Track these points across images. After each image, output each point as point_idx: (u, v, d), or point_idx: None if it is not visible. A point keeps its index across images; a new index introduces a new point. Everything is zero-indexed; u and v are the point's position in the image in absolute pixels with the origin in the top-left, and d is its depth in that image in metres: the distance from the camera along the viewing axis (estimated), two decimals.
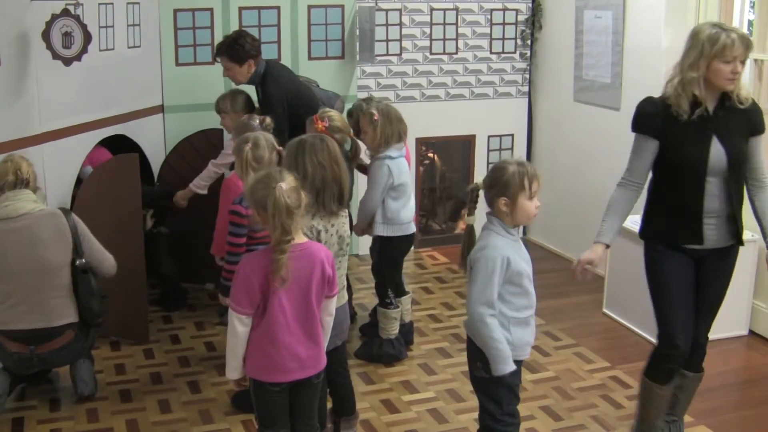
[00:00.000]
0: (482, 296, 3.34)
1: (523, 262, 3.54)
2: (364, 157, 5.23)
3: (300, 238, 3.28)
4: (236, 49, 5.41)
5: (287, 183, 3.19)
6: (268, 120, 4.82)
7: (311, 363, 3.41)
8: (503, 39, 7.23)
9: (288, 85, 5.52)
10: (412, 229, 5.11)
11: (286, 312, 3.26)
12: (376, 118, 4.91)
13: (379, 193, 4.94)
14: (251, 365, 3.35)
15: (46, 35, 4.89)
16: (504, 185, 3.40)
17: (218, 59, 5.52)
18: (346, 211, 3.80)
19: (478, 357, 3.43)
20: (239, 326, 3.28)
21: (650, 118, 3.91)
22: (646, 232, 4.14)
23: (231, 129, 5.32)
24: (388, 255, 5.10)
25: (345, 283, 3.88)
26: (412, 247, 5.66)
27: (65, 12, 5.02)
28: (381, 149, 4.95)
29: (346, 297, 3.90)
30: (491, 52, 7.22)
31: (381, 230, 5.00)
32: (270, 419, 3.43)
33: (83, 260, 4.39)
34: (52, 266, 4.26)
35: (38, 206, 4.31)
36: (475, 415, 4.45)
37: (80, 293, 4.36)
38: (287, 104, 5.40)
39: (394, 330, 5.06)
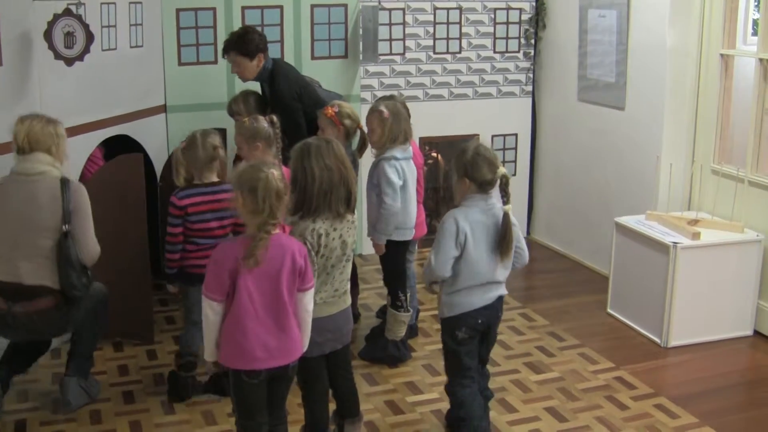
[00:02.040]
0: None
1: None
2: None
3: (273, 230, 3.36)
4: (246, 43, 5.40)
5: (277, 172, 3.33)
6: (275, 119, 4.80)
7: (281, 353, 3.46)
8: (507, 38, 7.21)
9: (298, 80, 5.53)
10: (410, 235, 5.06)
11: (254, 301, 3.34)
12: (386, 116, 4.86)
13: (398, 193, 4.86)
14: (224, 352, 3.44)
15: (48, 35, 4.87)
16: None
17: (225, 57, 5.50)
18: (354, 216, 3.78)
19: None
20: (210, 313, 3.38)
21: None
22: None
23: None
24: (392, 259, 5.06)
25: (347, 287, 3.85)
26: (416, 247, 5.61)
27: (67, 12, 4.99)
28: (386, 149, 4.90)
29: (348, 302, 3.88)
30: (495, 52, 7.20)
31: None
32: (245, 409, 3.52)
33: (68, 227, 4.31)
34: (40, 227, 4.22)
35: (53, 170, 4.28)
36: None
37: (60, 260, 4.31)
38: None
39: (400, 333, 5.04)
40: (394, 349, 5.05)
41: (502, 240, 3.92)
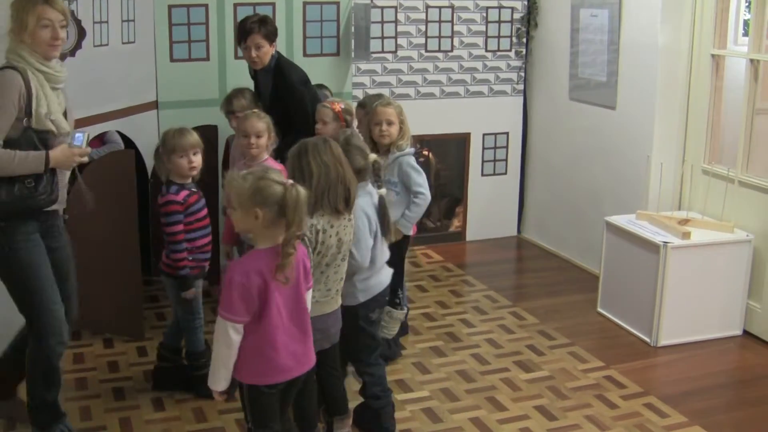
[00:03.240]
0: None
1: None
2: None
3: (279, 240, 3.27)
4: (269, 26, 5.34)
5: (290, 181, 3.26)
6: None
7: (306, 359, 3.43)
8: (499, 37, 7.22)
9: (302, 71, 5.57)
10: (411, 230, 5.05)
11: (282, 312, 3.26)
12: (401, 111, 4.94)
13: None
14: (249, 372, 3.30)
15: None
16: None
17: (245, 42, 5.31)
18: (351, 215, 3.78)
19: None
20: (234, 336, 3.22)
21: None
22: None
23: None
24: (394, 255, 5.03)
25: (340, 287, 3.85)
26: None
27: None
28: (405, 144, 4.92)
29: (339, 302, 3.88)
30: (486, 50, 7.20)
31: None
32: (265, 419, 3.42)
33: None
34: None
35: None
36: (470, 414, 4.47)
37: None
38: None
39: (394, 331, 5.03)
40: (386, 348, 5.05)
41: (384, 221, 4.11)
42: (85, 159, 3.81)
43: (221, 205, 5.48)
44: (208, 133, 5.99)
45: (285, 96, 5.35)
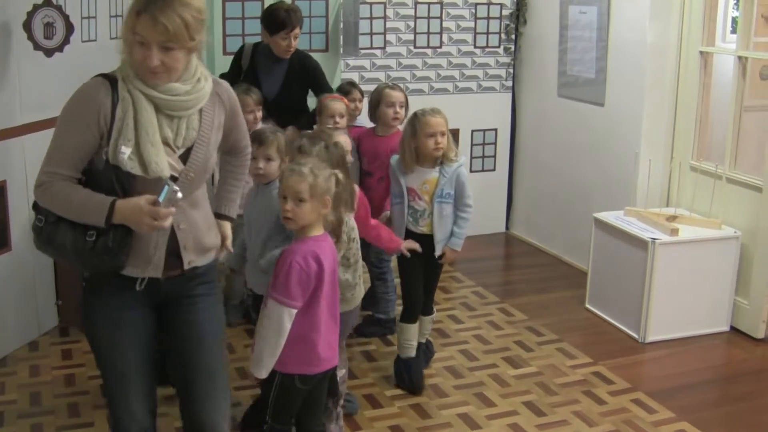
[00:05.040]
0: None
1: None
2: None
3: (321, 230, 3.41)
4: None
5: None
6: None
7: (335, 353, 3.50)
8: (487, 33, 7.22)
9: None
10: None
11: (325, 300, 3.34)
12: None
13: None
14: (294, 360, 3.35)
15: (27, 25, 4.85)
16: None
17: (292, 31, 5.47)
18: (351, 215, 3.83)
19: None
20: (287, 322, 3.27)
21: None
22: None
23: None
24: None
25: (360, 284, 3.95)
26: None
27: (47, 2, 4.97)
28: (456, 154, 4.69)
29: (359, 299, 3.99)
30: (475, 47, 7.21)
31: None
32: (286, 413, 3.50)
33: None
34: None
35: None
36: (458, 410, 4.47)
37: None
38: None
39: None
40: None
41: None
42: (165, 224, 2.73)
43: None
44: None
45: (304, 78, 5.53)
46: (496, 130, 7.44)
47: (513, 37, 7.29)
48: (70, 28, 5.16)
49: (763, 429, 4.43)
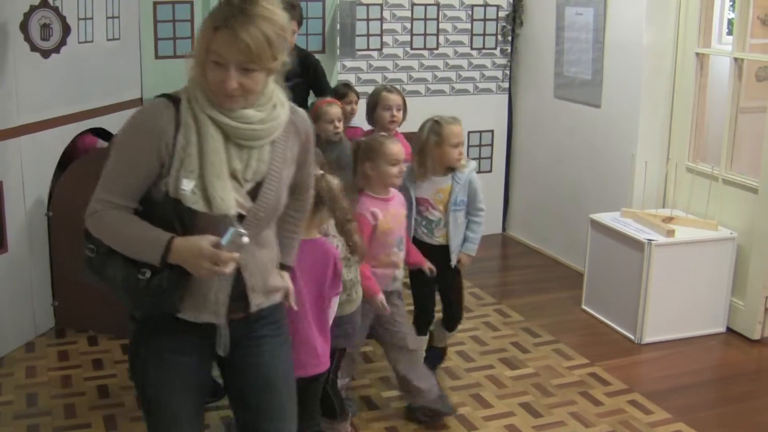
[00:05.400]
0: None
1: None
2: None
3: (315, 234, 3.40)
4: (300, 8, 5.61)
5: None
6: None
7: (324, 359, 3.48)
8: (484, 35, 7.23)
9: None
10: None
11: (306, 305, 3.32)
12: None
13: None
14: None
15: (24, 27, 4.85)
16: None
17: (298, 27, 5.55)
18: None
19: None
20: None
21: None
22: None
23: None
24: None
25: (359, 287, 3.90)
26: None
27: (44, 3, 4.97)
28: (465, 159, 4.66)
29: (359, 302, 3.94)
30: (472, 48, 7.21)
31: None
32: None
33: None
34: None
35: None
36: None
37: None
38: None
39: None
40: None
41: None
42: (226, 270, 2.43)
43: None
44: None
45: (304, 76, 5.53)
46: (492, 131, 7.44)
47: (509, 38, 7.29)
48: (66, 30, 5.16)
49: (759, 430, 4.44)
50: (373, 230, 3.99)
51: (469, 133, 7.30)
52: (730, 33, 6.10)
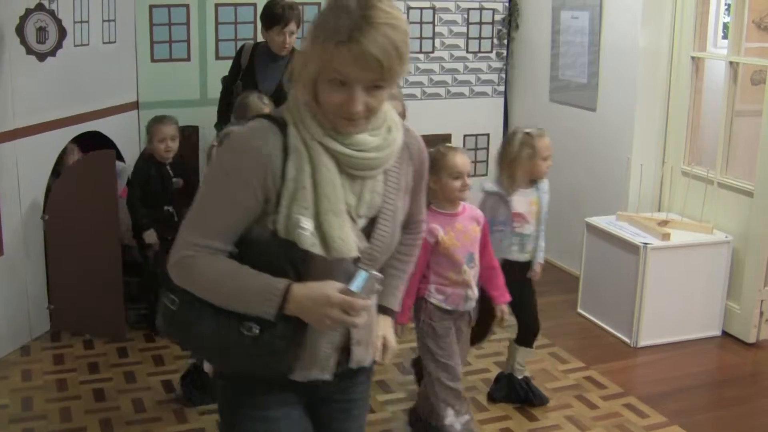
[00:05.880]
0: None
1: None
2: None
3: None
4: (300, 11, 5.63)
5: None
6: None
7: None
8: (480, 38, 7.23)
9: None
10: None
11: None
12: None
13: None
14: None
15: (20, 30, 4.85)
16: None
17: (277, 28, 5.47)
18: None
19: None
20: None
21: None
22: None
23: None
24: None
25: None
26: None
27: (40, 6, 4.97)
28: None
29: None
30: (467, 52, 7.22)
31: None
32: None
33: None
34: None
35: None
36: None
37: None
38: None
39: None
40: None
41: None
42: (359, 321, 2.08)
43: None
44: (190, 133, 5.99)
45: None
46: (488, 135, 7.44)
47: (505, 42, 7.30)
48: (62, 33, 5.16)
49: None
50: (434, 247, 3.84)
51: (464, 136, 7.30)
52: (725, 37, 6.12)
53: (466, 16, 7.14)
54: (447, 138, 7.25)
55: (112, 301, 5.24)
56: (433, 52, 7.10)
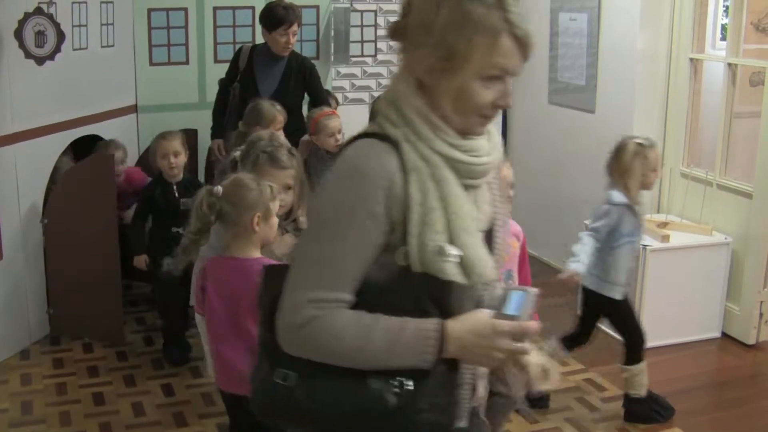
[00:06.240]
0: None
1: None
2: None
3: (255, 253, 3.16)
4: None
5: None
6: None
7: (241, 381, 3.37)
8: None
9: None
10: None
11: (222, 321, 3.28)
12: None
13: None
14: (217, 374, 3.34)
15: (18, 34, 4.85)
16: None
17: (290, 28, 5.55)
18: None
19: None
20: (200, 327, 3.45)
21: None
22: None
23: None
24: None
25: None
26: None
27: (38, 10, 4.97)
28: None
29: None
30: None
31: None
32: None
33: None
34: None
35: None
36: None
37: None
38: None
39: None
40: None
41: None
42: (528, 348, 1.82)
43: None
44: (188, 137, 5.98)
45: (301, 79, 5.63)
46: None
47: None
48: (61, 37, 5.16)
49: None
50: None
51: None
52: (723, 38, 6.11)
53: None
54: None
55: (111, 304, 5.24)
56: None
